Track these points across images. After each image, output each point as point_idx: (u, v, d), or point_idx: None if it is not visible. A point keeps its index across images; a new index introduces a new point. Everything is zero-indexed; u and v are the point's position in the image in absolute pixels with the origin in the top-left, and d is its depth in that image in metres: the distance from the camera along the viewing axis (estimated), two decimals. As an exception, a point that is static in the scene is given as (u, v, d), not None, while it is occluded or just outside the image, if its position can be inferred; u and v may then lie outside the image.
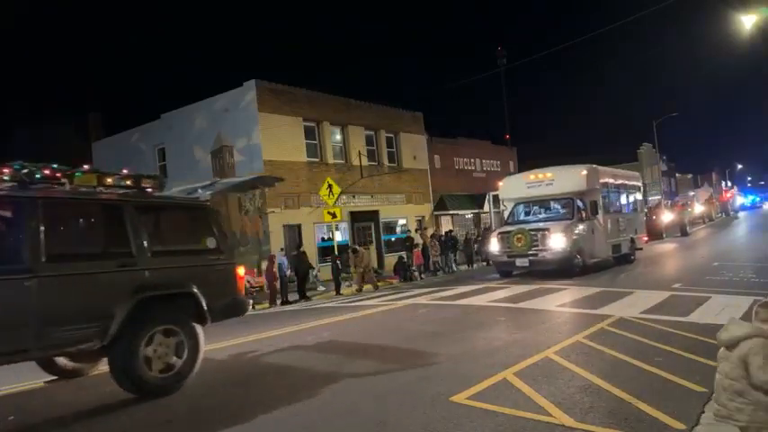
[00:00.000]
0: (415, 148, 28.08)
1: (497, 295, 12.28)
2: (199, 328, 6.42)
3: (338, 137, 24.26)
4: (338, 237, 21.34)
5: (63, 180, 5.94)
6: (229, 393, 6.13)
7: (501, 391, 5.34)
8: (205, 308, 6.40)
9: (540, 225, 15.91)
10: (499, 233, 16.65)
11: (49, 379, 6.98)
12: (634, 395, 4.93)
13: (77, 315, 5.46)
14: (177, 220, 7.14)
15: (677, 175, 71.00)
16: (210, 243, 6.90)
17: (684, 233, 30.14)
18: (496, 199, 20.74)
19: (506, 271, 16.63)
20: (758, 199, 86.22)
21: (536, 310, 10.26)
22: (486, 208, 27.30)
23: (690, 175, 75.46)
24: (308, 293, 17.14)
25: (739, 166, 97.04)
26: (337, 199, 18.95)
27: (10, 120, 37.19)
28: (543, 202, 17.25)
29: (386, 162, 26.40)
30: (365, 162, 24.47)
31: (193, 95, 40.50)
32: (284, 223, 20.99)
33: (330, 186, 18.66)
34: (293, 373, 6.85)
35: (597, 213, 16.34)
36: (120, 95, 57.66)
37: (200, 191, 8.28)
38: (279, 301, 16.24)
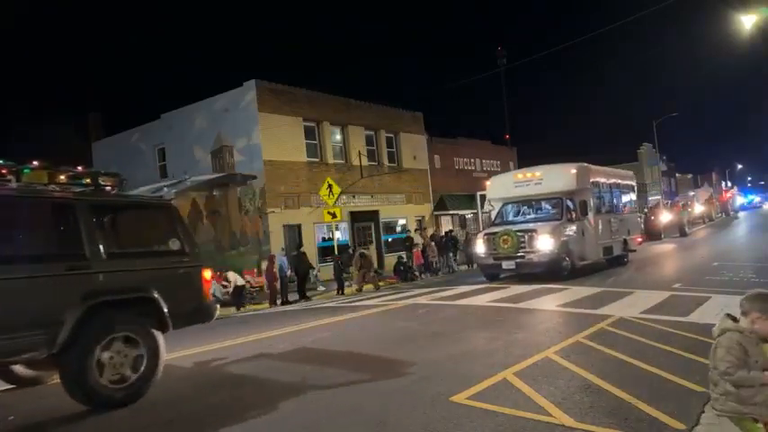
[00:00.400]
0: (415, 148, 28.09)
1: (497, 295, 12.29)
2: (159, 336, 6.01)
3: (338, 137, 24.27)
4: (338, 236, 21.34)
5: (9, 177, 5.64)
6: (232, 393, 6.13)
7: (501, 391, 5.34)
8: (166, 313, 5.99)
9: (528, 226, 15.23)
10: (485, 234, 15.96)
11: (5, 388, 6.70)
12: (634, 395, 4.93)
13: (22, 322, 5.06)
14: (137, 221, 6.72)
15: (677, 175, 71.03)
16: (174, 244, 6.50)
17: (683, 234, 29.86)
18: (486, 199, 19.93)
19: (493, 274, 15.86)
20: (757, 199, 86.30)
21: (536, 310, 10.27)
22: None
23: (690, 175, 75.49)
24: (308, 293, 17.15)
25: (739, 166, 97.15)
26: (337, 199, 18.96)
27: (10, 120, 37.27)
28: (531, 202, 16.59)
29: (386, 162, 26.41)
30: (365, 162, 24.48)
31: (193, 95, 40.52)
32: (284, 223, 21.00)
33: (330, 186, 18.66)
34: (294, 373, 6.85)
35: (587, 214, 15.74)
36: (120, 95, 57.69)
37: (165, 189, 7.84)
38: (279, 302, 16.25)
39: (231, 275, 16.33)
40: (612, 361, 6.21)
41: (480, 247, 15.87)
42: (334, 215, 18.37)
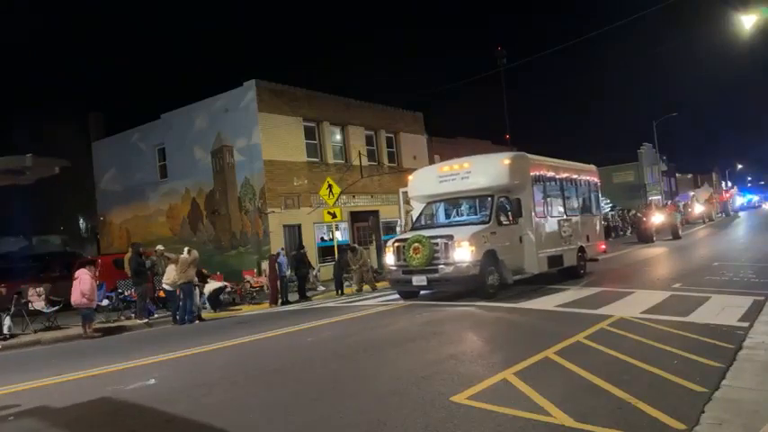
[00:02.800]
0: (414, 148, 28.10)
1: (497, 295, 12.26)
2: None
3: (338, 137, 24.28)
4: (338, 236, 21.34)
5: None
6: (227, 394, 6.12)
7: (501, 391, 5.34)
8: None
9: (443, 231, 12.24)
10: (395, 242, 12.82)
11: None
12: (634, 395, 4.92)
13: None
14: None
15: (677, 175, 71.08)
16: None
17: (676, 236, 28.13)
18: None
19: (406, 291, 12.92)
20: (756, 198, 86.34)
21: (536, 310, 10.27)
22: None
23: (690, 175, 75.55)
24: (308, 294, 17.14)
25: (739, 166, 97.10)
26: (337, 199, 18.95)
27: (10, 120, 37.29)
28: (457, 201, 13.97)
29: (386, 162, 26.42)
30: (365, 162, 24.49)
31: (193, 95, 40.50)
32: (284, 223, 21.01)
33: (330, 186, 18.65)
34: (297, 372, 6.86)
35: (522, 215, 12.79)
36: (120, 95, 57.67)
37: None
38: (279, 302, 16.25)
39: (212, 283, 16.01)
40: (612, 361, 6.21)
41: (390, 258, 12.87)
42: (334, 215, 18.36)
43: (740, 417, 4.33)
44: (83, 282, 11.89)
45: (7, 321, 11.97)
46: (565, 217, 14.94)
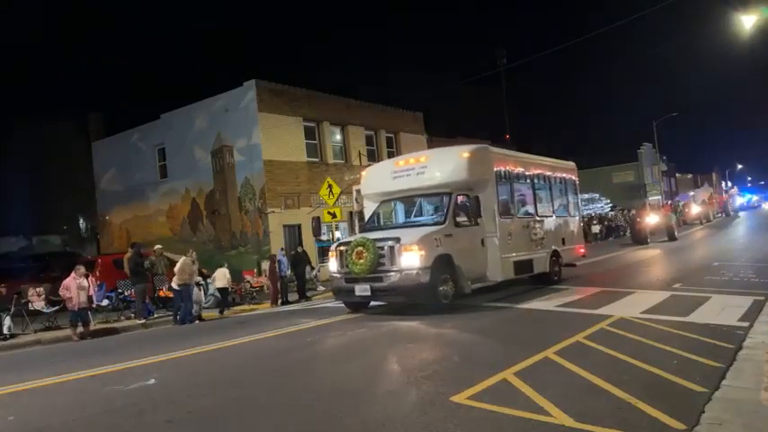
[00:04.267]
0: (415, 148, 28.02)
1: (496, 296, 12.27)
2: None
3: (338, 137, 24.30)
4: (338, 236, 21.32)
5: None
6: (227, 394, 6.12)
7: (501, 391, 5.34)
8: None
9: (391, 233, 10.90)
10: (337, 246, 11.55)
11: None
12: (634, 395, 4.93)
13: None
14: None
15: (677, 174, 71.06)
16: None
17: (672, 238, 27.38)
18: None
19: (352, 303, 11.54)
20: (756, 198, 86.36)
21: (536, 310, 10.27)
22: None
23: (690, 175, 75.52)
24: (308, 293, 17.15)
25: (739, 166, 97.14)
26: (337, 199, 18.94)
27: (10, 120, 37.28)
28: (412, 199, 12.48)
29: (386, 162, 26.42)
30: (365, 162, 24.47)
31: (193, 95, 40.47)
32: (284, 223, 21.01)
33: (330, 186, 18.65)
34: (297, 372, 6.86)
35: (482, 215, 11.59)
36: (120, 95, 57.62)
37: None
38: (279, 302, 16.26)
39: (219, 273, 15.38)
40: (612, 361, 6.21)
41: (333, 264, 11.52)
42: (334, 215, 18.36)
43: (740, 417, 4.33)
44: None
45: (7, 321, 11.95)
46: (536, 218, 13.61)
